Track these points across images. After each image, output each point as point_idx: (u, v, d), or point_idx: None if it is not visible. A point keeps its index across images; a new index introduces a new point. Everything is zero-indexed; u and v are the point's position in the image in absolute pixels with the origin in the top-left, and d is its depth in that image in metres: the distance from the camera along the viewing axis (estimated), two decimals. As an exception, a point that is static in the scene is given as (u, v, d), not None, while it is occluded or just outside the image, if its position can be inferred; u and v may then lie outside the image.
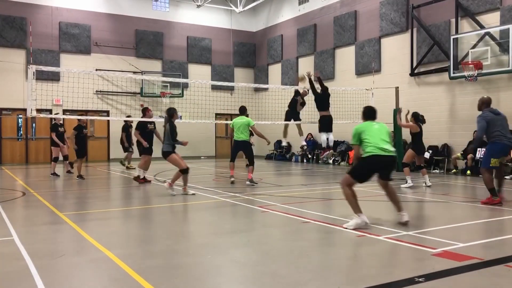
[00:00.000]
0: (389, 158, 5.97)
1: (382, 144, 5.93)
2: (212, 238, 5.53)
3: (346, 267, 4.32)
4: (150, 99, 21.53)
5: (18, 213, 7.57)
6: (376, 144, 5.91)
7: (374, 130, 6.05)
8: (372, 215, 5.68)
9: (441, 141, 14.91)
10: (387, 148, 5.93)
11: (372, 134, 6.01)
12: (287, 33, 22.20)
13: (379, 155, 5.89)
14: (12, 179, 12.67)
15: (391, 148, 6.00)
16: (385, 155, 5.92)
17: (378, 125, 6.19)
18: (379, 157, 5.89)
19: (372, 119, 6.32)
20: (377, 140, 5.95)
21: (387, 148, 5.93)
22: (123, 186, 11.47)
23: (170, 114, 9.36)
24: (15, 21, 18.95)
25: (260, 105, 21.95)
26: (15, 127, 19.41)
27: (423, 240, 5.17)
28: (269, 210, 7.32)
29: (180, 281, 3.90)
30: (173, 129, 9.21)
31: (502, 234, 5.83)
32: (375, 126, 6.15)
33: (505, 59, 12.68)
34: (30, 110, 10.42)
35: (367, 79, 17.05)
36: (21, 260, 4.44)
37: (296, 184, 11.70)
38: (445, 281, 3.84)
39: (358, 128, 6.15)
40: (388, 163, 6.02)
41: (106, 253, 4.70)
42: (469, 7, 14.08)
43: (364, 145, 6.01)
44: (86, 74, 16.82)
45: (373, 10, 17.54)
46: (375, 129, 6.08)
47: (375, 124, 6.21)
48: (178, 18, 22.70)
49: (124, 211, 7.68)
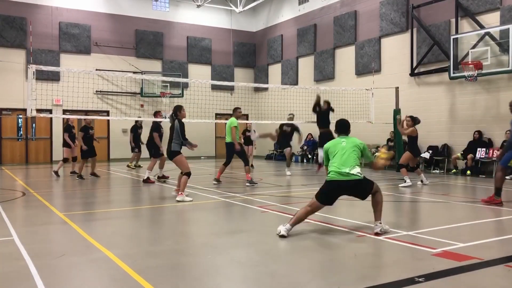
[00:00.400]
0: (348, 184, 5.47)
1: (343, 167, 5.48)
2: (212, 238, 5.53)
3: (346, 267, 4.32)
4: (150, 99, 21.55)
5: (18, 213, 7.57)
6: (337, 168, 5.52)
7: (339, 151, 5.63)
8: (371, 215, 5.68)
9: (441, 141, 14.91)
10: (347, 172, 5.45)
11: (336, 155, 5.63)
12: (287, 33, 22.20)
13: (337, 181, 5.50)
14: (12, 179, 12.67)
15: (354, 171, 5.47)
16: (344, 180, 5.46)
17: (346, 142, 5.71)
18: (338, 182, 5.49)
19: (343, 133, 5.91)
20: (338, 163, 5.54)
21: (347, 172, 5.45)
22: (123, 186, 11.47)
23: (176, 112, 8.74)
24: (15, 21, 18.95)
25: (260, 105, 21.98)
26: (15, 127, 19.41)
27: (423, 240, 5.17)
28: (269, 210, 7.32)
29: (180, 281, 3.90)
30: (183, 126, 8.61)
31: (502, 234, 5.83)
32: (342, 144, 5.69)
33: (505, 59, 12.68)
34: (30, 110, 10.42)
35: (367, 79, 17.05)
36: (21, 260, 4.44)
37: (296, 184, 11.70)
38: (445, 281, 3.84)
39: (326, 147, 5.83)
40: (349, 187, 5.51)
41: (106, 253, 4.70)
42: (469, 7, 14.08)
43: (329, 167, 5.68)
44: (86, 74, 16.83)
45: (373, 10, 17.54)
46: (341, 148, 5.64)
47: (344, 141, 5.73)
48: (178, 18, 22.71)
49: (124, 211, 7.68)
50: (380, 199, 5.59)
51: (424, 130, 15.37)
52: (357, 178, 5.47)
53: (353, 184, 5.48)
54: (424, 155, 14.88)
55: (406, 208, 8.03)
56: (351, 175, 5.46)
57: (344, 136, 5.86)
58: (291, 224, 5.52)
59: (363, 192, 5.62)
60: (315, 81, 20.27)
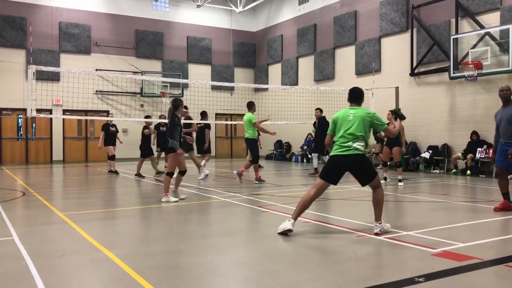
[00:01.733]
0: (349, 158, 5.36)
1: (346, 141, 5.39)
2: (212, 238, 5.53)
3: (346, 267, 4.32)
4: (150, 99, 21.56)
5: (18, 213, 7.57)
6: (340, 142, 5.44)
7: (345, 124, 5.48)
8: (371, 215, 5.67)
9: (441, 141, 14.91)
10: (349, 145, 5.37)
11: (342, 128, 5.49)
12: (287, 33, 22.20)
13: (339, 155, 5.42)
14: (12, 179, 12.67)
15: (355, 144, 5.37)
16: (346, 154, 5.37)
17: (354, 115, 5.50)
18: (339, 156, 5.41)
19: (355, 102, 5.70)
20: (342, 136, 5.44)
21: (349, 145, 5.37)
22: (123, 186, 11.46)
23: (175, 106, 8.19)
24: (15, 21, 18.95)
25: (260, 105, 21.92)
26: (15, 127, 19.42)
27: (423, 240, 5.17)
28: (269, 210, 7.32)
29: (180, 281, 3.90)
30: (173, 123, 8.05)
31: (502, 234, 5.83)
32: (350, 117, 5.50)
33: (505, 59, 12.68)
34: (30, 110, 10.43)
35: (367, 79, 17.04)
36: (21, 260, 4.44)
37: (296, 184, 11.70)
38: (445, 281, 3.84)
39: (335, 117, 5.67)
40: (350, 163, 5.39)
41: (106, 253, 4.70)
42: (469, 7, 14.08)
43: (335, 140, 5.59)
44: (86, 74, 16.83)
45: (373, 10, 17.54)
46: (347, 121, 5.48)
47: (352, 113, 5.53)
48: (178, 18, 22.71)
49: (124, 211, 7.68)
50: (381, 196, 5.50)
51: (424, 130, 15.42)
52: (358, 153, 5.36)
53: (354, 159, 5.36)
54: (424, 155, 14.90)
55: (406, 208, 8.02)
56: (352, 149, 5.36)
57: (355, 106, 5.67)
58: (294, 217, 5.47)
59: (364, 175, 5.48)
60: (315, 81, 20.27)
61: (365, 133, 5.48)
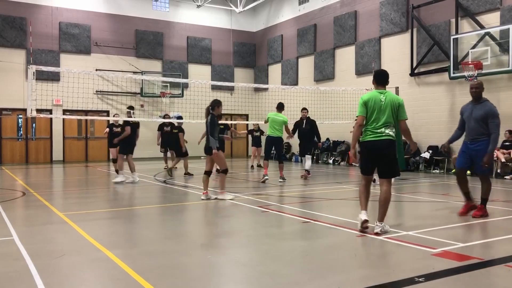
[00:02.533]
0: (383, 143, 5.27)
1: (379, 127, 5.31)
2: (212, 238, 5.53)
3: (346, 267, 4.32)
4: (150, 99, 21.56)
5: (18, 213, 7.57)
6: (373, 127, 5.37)
7: (377, 107, 5.38)
8: (371, 215, 5.68)
9: (441, 141, 14.85)
10: (382, 132, 5.31)
11: (375, 112, 5.38)
12: (287, 33, 22.20)
13: (372, 141, 5.34)
14: (12, 179, 12.67)
15: (388, 130, 5.35)
16: (379, 139, 5.26)
17: (386, 98, 5.42)
18: (373, 142, 5.32)
19: (382, 85, 5.58)
20: (375, 120, 5.35)
21: (382, 132, 5.31)
22: (123, 186, 11.45)
23: (212, 106, 8.39)
24: (15, 21, 18.95)
25: (260, 105, 21.95)
26: (15, 127, 19.42)
27: (423, 240, 5.16)
28: (269, 210, 7.32)
29: (180, 281, 3.90)
30: (214, 123, 8.27)
31: (502, 234, 5.83)
32: (381, 100, 5.40)
33: (505, 59, 12.68)
34: (30, 110, 10.43)
35: (367, 79, 17.03)
36: (21, 260, 4.44)
37: (296, 184, 11.70)
38: (445, 281, 3.84)
39: (365, 99, 5.46)
40: (382, 148, 5.31)
41: (106, 253, 4.70)
42: (469, 7, 14.08)
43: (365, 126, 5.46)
44: (86, 74, 16.82)
45: (373, 10, 17.54)
46: (379, 105, 5.37)
47: (382, 96, 5.43)
48: (178, 18, 22.71)
49: (124, 211, 7.68)
50: (389, 196, 5.52)
51: (424, 130, 15.42)
52: (390, 138, 5.37)
53: (386, 144, 5.35)
54: (424, 155, 14.89)
55: (406, 208, 8.02)
56: (384, 135, 5.36)
57: (382, 89, 5.59)
58: (365, 208, 5.55)
59: (390, 164, 5.44)
60: (315, 81, 20.28)
61: (395, 119, 5.51)
